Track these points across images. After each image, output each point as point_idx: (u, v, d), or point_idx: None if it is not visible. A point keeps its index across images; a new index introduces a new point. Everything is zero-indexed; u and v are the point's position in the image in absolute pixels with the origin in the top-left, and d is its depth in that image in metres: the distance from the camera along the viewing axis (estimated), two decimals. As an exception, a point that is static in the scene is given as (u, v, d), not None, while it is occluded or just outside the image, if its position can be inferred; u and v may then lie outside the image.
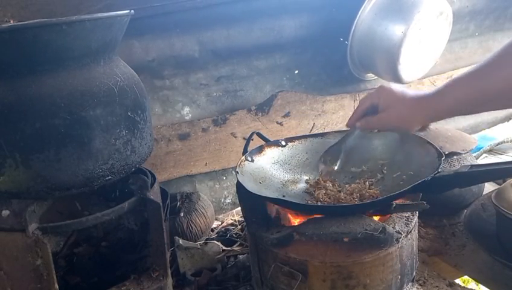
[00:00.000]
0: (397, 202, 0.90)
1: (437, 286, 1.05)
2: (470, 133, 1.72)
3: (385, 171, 1.11)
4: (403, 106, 0.98)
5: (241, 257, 1.24)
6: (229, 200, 1.60)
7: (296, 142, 1.23)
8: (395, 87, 1.01)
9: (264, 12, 1.43)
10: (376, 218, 0.93)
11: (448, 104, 0.91)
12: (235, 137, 1.53)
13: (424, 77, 1.78)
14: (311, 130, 1.64)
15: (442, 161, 0.94)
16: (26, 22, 0.76)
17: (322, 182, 1.11)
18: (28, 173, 0.78)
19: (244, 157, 1.12)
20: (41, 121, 0.76)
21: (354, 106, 1.72)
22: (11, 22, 1.05)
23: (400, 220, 0.94)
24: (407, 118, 0.98)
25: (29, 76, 0.78)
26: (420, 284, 1.05)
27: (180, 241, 1.21)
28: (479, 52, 2.01)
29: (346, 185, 1.09)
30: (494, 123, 2.09)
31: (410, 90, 1.00)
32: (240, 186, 1.01)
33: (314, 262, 0.87)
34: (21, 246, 0.82)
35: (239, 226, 1.43)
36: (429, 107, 0.95)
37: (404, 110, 0.98)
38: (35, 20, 0.74)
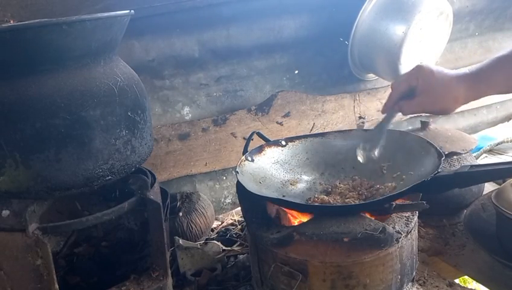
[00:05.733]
0: (397, 202, 0.90)
1: (437, 286, 1.05)
2: (470, 133, 1.72)
3: (385, 171, 1.11)
4: (444, 87, 0.94)
5: (241, 257, 1.24)
6: (229, 200, 1.59)
7: (296, 142, 1.22)
8: (434, 67, 0.97)
9: (264, 12, 1.43)
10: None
11: (490, 83, 0.92)
12: (235, 137, 1.53)
13: (424, 77, 1.78)
14: (311, 130, 1.64)
15: (442, 161, 0.94)
16: (26, 22, 0.76)
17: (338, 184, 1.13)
18: (28, 173, 0.78)
19: (244, 157, 1.12)
20: (41, 121, 0.76)
21: (354, 106, 1.72)
22: (11, 22, 1.05)
23: (399, 220, 0.94)
24: (450, 99, 0.95)
25: (29, 76, 0.78)
26: (420, 284, 1.05)
27: (180, 241, 1.21)
28: (479, 52, 2.01)
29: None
30: (494, 123, 2.09)
31: (448, 70, 0.97)
32: (239, 186, 1.01)
33: (314, 262, 0.87)
34: (21, 246, 0.82)
35: (239, 226, 1.42)
36: (471, 86, 0.93)
37: (446, 92, 0.94)
38: (36, 20, 0.74)
